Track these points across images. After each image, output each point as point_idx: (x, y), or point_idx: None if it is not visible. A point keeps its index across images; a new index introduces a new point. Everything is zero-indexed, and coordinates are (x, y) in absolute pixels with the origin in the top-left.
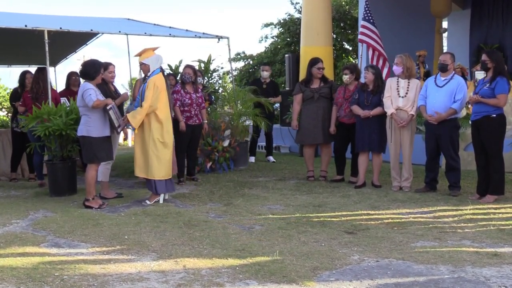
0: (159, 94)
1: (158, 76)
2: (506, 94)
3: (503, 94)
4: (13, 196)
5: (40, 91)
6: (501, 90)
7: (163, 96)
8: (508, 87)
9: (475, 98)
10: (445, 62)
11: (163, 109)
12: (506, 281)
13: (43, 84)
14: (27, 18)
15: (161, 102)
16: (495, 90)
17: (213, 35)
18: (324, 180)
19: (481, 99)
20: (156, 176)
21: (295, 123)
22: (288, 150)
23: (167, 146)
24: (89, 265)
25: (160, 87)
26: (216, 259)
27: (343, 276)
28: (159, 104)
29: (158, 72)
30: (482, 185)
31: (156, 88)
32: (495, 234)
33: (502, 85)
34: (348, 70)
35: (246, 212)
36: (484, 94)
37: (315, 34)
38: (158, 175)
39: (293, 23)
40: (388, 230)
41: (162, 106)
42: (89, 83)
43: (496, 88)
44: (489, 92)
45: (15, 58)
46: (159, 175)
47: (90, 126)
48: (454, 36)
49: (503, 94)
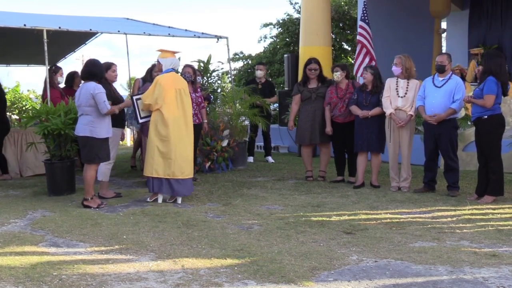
0: (165, 93)
1: (166, 75)
2: (492, 94)
3: (489, 95)
4: (12, 195)
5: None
6: (487, 90)
7: (168, 95)
8: (496, 88)
9: (467, 98)
10: (442, 63)
11: (168, 108)
12: (504, 282)
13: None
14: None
15: (166, 100)
16: (484, 90)
17: (212, 35)
18: (322, 180)
19: (472, 99)
20: (147, 172)
21: (291, 123)
22: (287, 150)
23: (169, 145)
24: (88, 264)
25: (164, 86)
26: (214, 259)
27: (341, 276)
28: (164, 103)
29: (168, 71)
30: (482, 186)
31: (159, 86)
32: (494, 234)
33: (489, 86)
34: (339, 68)
35: (244, 212)
36: (475, 95)
37: (314, 34)
38: (149, 171)
39: (292, 23)
40: (386, 231)
41: (167, 104)
42: (99, 85)
43: (484, 88)
44: (479, 93)
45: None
46: (151, 172)
47: (94, 126)
48: (453, 37)
49: (489, 94)
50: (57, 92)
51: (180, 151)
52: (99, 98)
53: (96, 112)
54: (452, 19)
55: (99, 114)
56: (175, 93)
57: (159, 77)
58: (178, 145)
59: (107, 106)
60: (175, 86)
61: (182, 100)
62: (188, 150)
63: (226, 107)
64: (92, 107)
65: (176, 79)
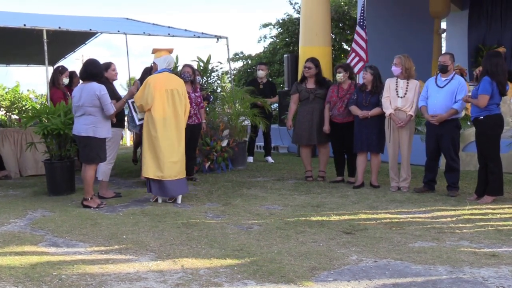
0: (155, 93)
1: (157, 76)
2: (486, 94)
3: (483, 95)
4: (11, 195)
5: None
6: (481, 90)
7: (158, 95)
8: (491, 88)
9: (465, 98)
10: (445, 63)
11: (157, 108)
12: (504, 282)
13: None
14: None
15: (155, 101)
16: (478, 91)
17: (212, 35)
18: (322, 181)
19: (469, 99)
20: (144, 173)
21: (290, 123)
22: (286, 150)
23: (158, 146)
24: (87, 264)
25: (153, 86)
26: (214, 259)
27: (341, 276)
28: (153, 103)
29: (161, 71)
30: (481, 186)
31: (148, 86)
32: (493, 234)
33: (483, 86)
34: (341, 69)
35: (244, 212)
36: (473, 95)
37: (314, 34)
38: (145, 172)
39: (292, 23)
40: (386, 231)
41: (155, 105)
42: (102, 85)
43: (479, 88)
44: (475, 93)
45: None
46: (147, 173)
47: (97, 127)
48: (452, 37)
49: (482, 94)
50: (60, 92)
51: (169, 152)
52: (105, 100)
53: (100, 113)
54: (451, 20)
55: (102, 114)
56: (165, 93)
57: (150, 78)
58: (167, 146)
59: (113, 107)
60: (166, 87)
61: (174, 100)
62: (178, 151)
63: (226, 107)
64: (97, 107)
65: (168, 79)
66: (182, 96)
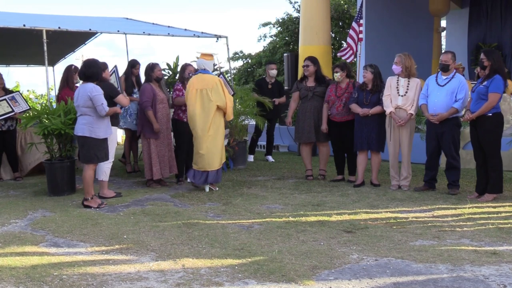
0: (187, 93)
1: (192, 78)
2: (498, 93)
3: (495, 93)
4: (12, 195)
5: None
6: (494, 88)
7: (189, 95)
8: (503, 87)
9: (468, 117)
10: (446, 62)
11: (188, 106)
12: (505, 280)
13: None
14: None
15: (188, 100)
16: (489, 88)
17: (211, 34)
18: (323, 179)
19: (476, 115)
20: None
21: (289, 120)
22: (287, 149)
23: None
24: (88, 264)
25: (188, 87)
26: (215, 259)
27: (342, 275)
28: (187, 102)
29: (197, 73)
30: (481, 184)
31: (187, 87)
32: (494, 232)
33: (497, 84)
34: (338, 68)
35: (245, 211)
36: (480, 91)
37: (314, 33)
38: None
39: (292, 22)
40: (387, 229)
41: (188, 103)
42: (97, 86)
43: (491, 86)
44: (484, 90)
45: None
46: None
47: (93, 127)
48: (452, 35)
49: (496, 93)
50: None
51: (197, 146)
52: (97, 101)
53: (95, 113)
54: (451, 18)
55: (97, 114)
56: (195, 92)
57: (190, 79)
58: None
59: (104, 109)
60: (196, 87)
61: (203, 99)
62: (205, 145)
63: None
64: (90, 108)
65: (200, 80)
66: (209, 96)
